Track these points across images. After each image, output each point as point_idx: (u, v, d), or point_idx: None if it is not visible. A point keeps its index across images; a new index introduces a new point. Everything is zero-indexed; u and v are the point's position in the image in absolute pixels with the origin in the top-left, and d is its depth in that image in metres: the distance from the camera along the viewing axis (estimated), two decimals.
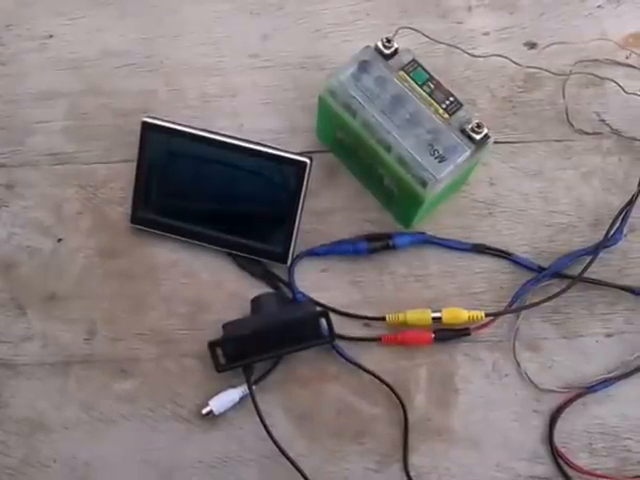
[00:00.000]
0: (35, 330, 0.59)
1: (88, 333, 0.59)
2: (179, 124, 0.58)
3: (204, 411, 0.57)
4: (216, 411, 0.57)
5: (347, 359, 0.58)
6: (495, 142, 0.55)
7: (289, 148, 0.58)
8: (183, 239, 0.60)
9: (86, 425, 0.58)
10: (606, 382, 0.58)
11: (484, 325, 0.58)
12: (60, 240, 0.61)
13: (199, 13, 0.65)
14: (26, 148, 0.63)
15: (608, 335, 0.59)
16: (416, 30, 0.60)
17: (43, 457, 0.57)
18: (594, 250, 0.58)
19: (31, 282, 0.60)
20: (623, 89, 0.62)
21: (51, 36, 0.65)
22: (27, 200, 0.62)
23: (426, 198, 0.55)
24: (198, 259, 0.60)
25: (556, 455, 0.57)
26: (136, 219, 0.60)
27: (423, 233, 0.60)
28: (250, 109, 0.63)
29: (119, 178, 0.62)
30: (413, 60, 0.56)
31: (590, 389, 0.58)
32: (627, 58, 0.64)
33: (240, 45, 0.65)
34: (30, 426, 0.58)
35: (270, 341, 0.56)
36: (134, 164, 0.59)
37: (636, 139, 0.62)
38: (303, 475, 0.55)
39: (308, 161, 0.57)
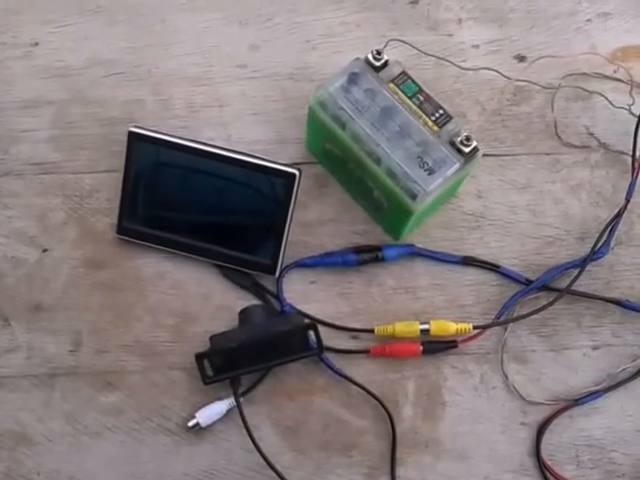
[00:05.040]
0: (19, 341, 0.59)
1: (73, 344, 0.59)
2: (166, 134, 0.58)
3: (191, 423, 0.56)
4: (203, 423, 0.56)
5: (335, 371, 0.58)
6: (484, 155, 0.56)
7: (278, 159, 0.58)
8: (170, 250, 0.59)
9: (71, 438, 0.57)
10: (593, 395, 0.58)
11: (472, 337, 0.58)
12: (45, 250, 0.60)
13: (188, 23, 0.65)
14: (11, 157, 0.62)
15: (595, 348, 0.59)
16: (406, 42, 0.60)
17: (26, 470, 0.57)
18: (581, 263, 0.59)
19: (16, 293, 0.59)
20: (611, 103, 0.63)
21: (36, 44, 0.64)
22: (12, 210, 0.61)
23: (415, 210, 0.55)
24: (185, 271, 0.60)
25: (543, 467, 0.57)
26: (122, 230, 0.59)
27: (412, 245, 0.60)
28: (238, 120, 0.63)
29: (105, 188, 0.61)
30: (403, 72, 0.56)
31: (577, 402, 0.58)
32: (615, 72, 0.64)
33: (229, 55, 0.64)
34: (13, 439, 0.57)
35: (258, 353, 0.55)
36: (120, 174, 0.59)
37: (623, 153, 0.62)
38: None
39: (297, 172, 0.57)
